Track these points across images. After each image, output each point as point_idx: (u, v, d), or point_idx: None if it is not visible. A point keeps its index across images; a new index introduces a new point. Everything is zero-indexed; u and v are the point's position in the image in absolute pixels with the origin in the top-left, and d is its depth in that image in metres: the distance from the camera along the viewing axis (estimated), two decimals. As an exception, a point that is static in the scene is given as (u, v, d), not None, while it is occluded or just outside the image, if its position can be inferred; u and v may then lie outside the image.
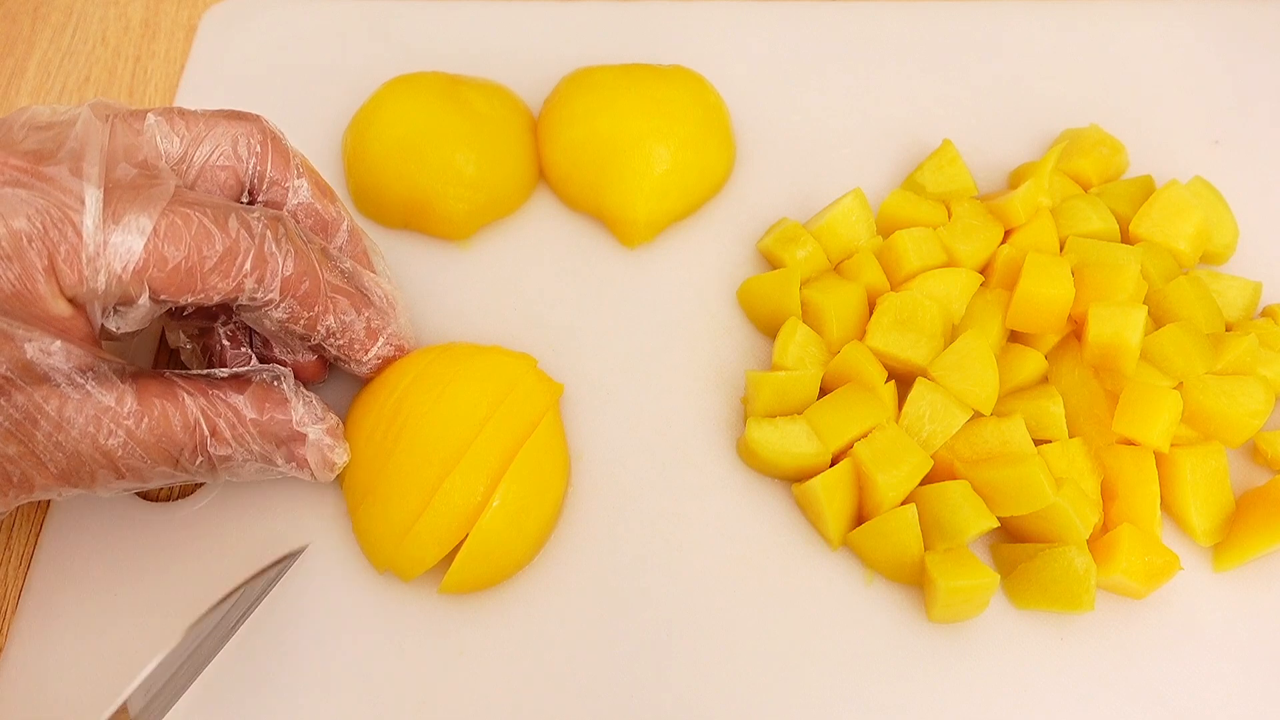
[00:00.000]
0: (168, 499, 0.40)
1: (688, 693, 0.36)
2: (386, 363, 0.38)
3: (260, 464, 0.35)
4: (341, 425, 0.37)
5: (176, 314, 0.38)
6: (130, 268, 0.30)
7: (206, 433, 0.33)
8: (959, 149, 0.46)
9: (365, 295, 0.36)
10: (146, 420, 0.32)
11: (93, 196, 0.30)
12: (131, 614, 0.37)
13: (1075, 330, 0.40)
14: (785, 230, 0.43)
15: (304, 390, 0.36)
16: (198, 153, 0.34)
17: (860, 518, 0.38)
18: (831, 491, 0.37)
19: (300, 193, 0.36)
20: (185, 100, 0.49)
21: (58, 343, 0.30)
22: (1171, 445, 0.38)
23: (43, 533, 0.39)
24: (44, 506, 0.40)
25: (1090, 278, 0.39)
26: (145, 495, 0.40)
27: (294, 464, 0.35)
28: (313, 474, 0.36)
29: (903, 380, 0.40)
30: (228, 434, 0.33)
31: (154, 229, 0.30)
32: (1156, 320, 0.40)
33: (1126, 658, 0.37)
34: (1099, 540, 0.37)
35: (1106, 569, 0.36)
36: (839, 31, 0.52)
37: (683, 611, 0.37)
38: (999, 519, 0.36)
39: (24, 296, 0.29)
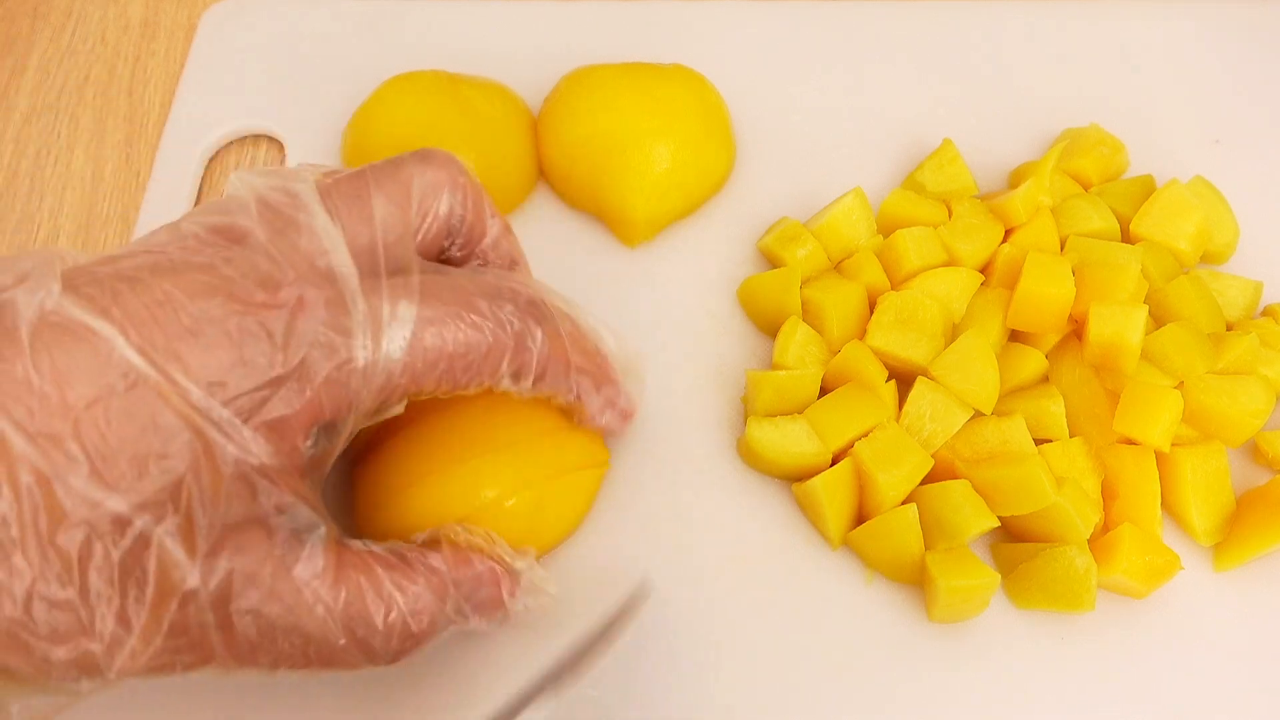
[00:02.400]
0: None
1: (687, 692, 0.36)
2: (614, 431, 0.36)
3: (451, 628, 0.31)
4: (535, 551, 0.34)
5: None
6: (397, 381, 0.27)
7: (405, 608, 0.29)
8: (959, 148, 0.46)
9: (608, 373, 0.34)
10: (344, 595, 0.27)
11: (360, 317, 0.27)
12: (131, 614, 0.37)
13: (1076, 330, 0.40)
14: (785, 229, 0.43)
15: (490, 533, 0.33)
16: (406, 217, 0.31)
17: (860, 517, 0.38)
18: (832, 491, 0.37)
19: (493, 231, 0.33)
20: (185, 99, 0.49)
21: (287, 496, 0.26)
22: (1172, 445, 0.38)
23: (42, 532, 0.39)
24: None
25: (1091, 277, 0.39)
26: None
27: (487, 615, 0.32)
28: (507, 615, 0.32)
29: (903, 380, 0.40)
30: (428, 602, 0.29)
31: (418, 329, 0.28)
32: (1157, 320, 0.40)
33: (1127, 658, 0.37)
34: (1099, 540, 0.37)
35: (1107, 569, 0.36)
36: (839, 31, 0.52)
37: (682, 611, 0.37)
38: (999, 518, 0.36)
39: (277, 437, 0.26)
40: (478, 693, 0.36)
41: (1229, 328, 0.41)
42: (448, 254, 0.33)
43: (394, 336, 0.27)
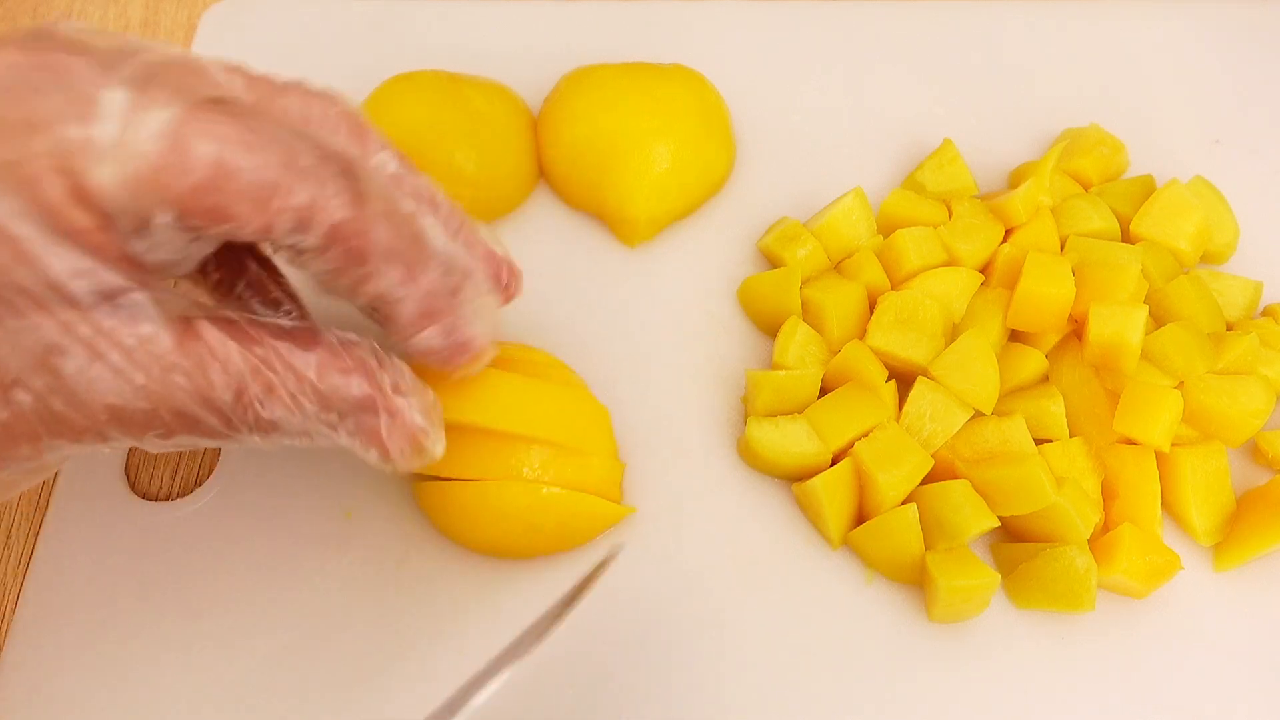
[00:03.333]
0: (167, 499, 0.40)
1: (687, 692, 0.36)
2: (446, 357, 0.31)
3: (319, 435, 0.30)
4: (440, 405, 0.31)
5: (202, 274, 0.33)
6: (146, 163, 0.25)
7: (256, 392, 0.28)
8: (959, 148, 0.46)
9: (424, 268, 0.29)
10: (184, 365, 0.27)
11: (119, 87, 0.25)
12: (131, 614, 0.37)
13: (1076, 330, 0.40)
14: (786, 229, 0.43)
15: (393, 358, 0.30)
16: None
17: (860, 517, 0.38)
18: (832, 491, 0.37)
19: (388, 167, 0.31)
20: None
21: (87, 259, 0.25)
22: (1172, 445, 0.38)
23: (42, 532, 0.39)
24: (43, 506, 0.40)
25: (1091, 277, 0.39)
26: (145, 495, 0.40)
27: (360, 439, 0.30)
28: (386, 455, 0.30)
29: (903, 379, 0.40)
30: (282, 396, 0.28)
31: (178, 122, 0.25)
32: (1157, 320, 0.40)
33: (1127, 657, 0.37)
34: (1100, 540, 0.37)
35: (1107, 568, 0.36)
36: (839, 31, 0.52)
37: (682, 610, 0.37)
38: (1000, 518, 0.36)
39: (40, 201, 0.24)
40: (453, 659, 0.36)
41: (1229, 328, 0.41)
42: None
43: (149, 120, 0.25)
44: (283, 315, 0.33)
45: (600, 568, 0.33)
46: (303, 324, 0.30)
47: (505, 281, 0.34)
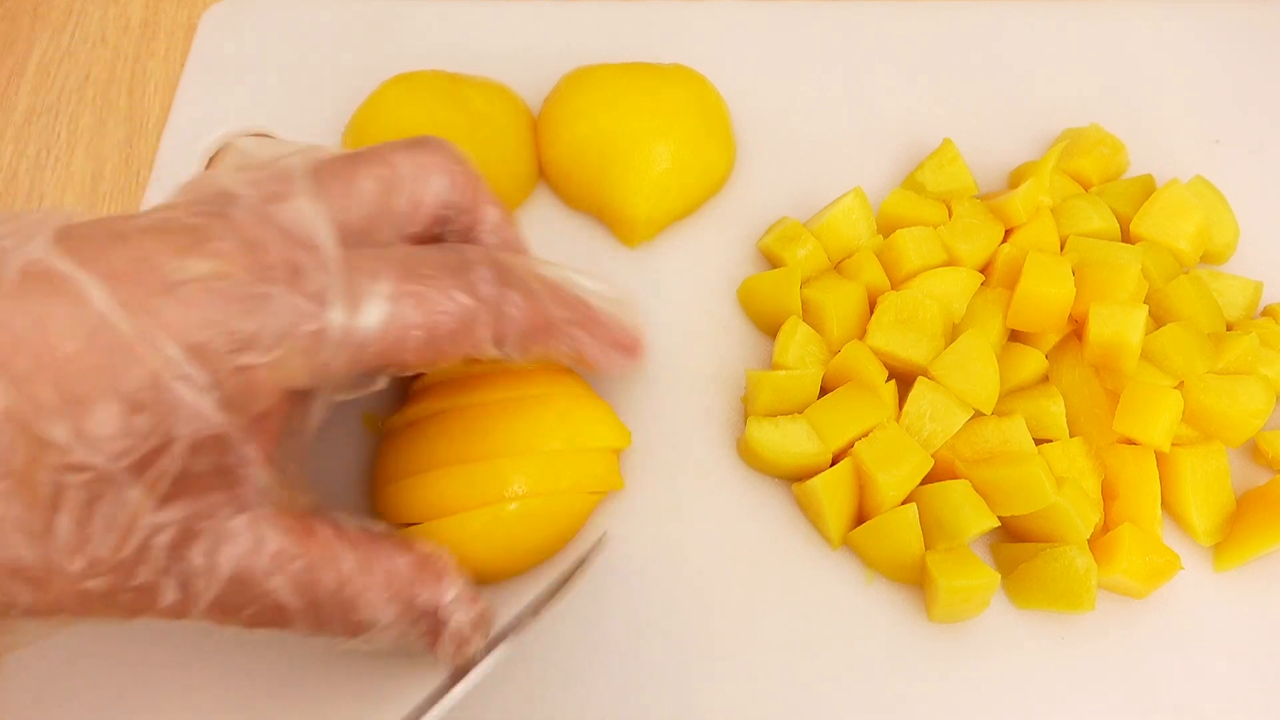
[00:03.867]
0: (167, 498, 0.40)
1: (687, 692, 0.36)
2: (633, 367, 0.35)
3: (398, 635, 0.31)
4: (488, 616, 0.33)
5: None
6: (372, 351, 0.27)
7: (352, 593, 0.29)
8: (959, 148, 0.46)
9: (596, 315, 0.33)
10: (304, 561, 0.28)
11: (336, 285, 0.27)
12: (131, 613, 0.37)
13: (1076, 330, 0.40)
14: (785, 229, 0.43)
15: (459, 570, 0.32)
16: (401, 202, 0.31)
17: (860, 517, 0.38)
18: (832, 491, 0.37)
19: (491, 217, 0.34)
20: (185, 99, 0.49)
21: (254, 451, 0.27)
22: (1172, 445, 0.38)
23: (42, 532, 0.39)
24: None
25: (1091, 277, 0.39)
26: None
27: (428, 639, 0.31)
28: (465, 653, 0.32)
29: (903, 380, 0.40)
30: (379, 594, 0.29)
31: (393, 302, 0.28)
32: (1157, 320, 0.40)
33: (1127, 657, 0.37)
34: (1099, 540, 0.37)
35: (1107, 568, 0.36)
36: (839, 31, 0.52)
37: (682, 610, 0.37)
38: (1000, 518, 0.36)
39: (246, 395, 0.26)
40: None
41: (1229, 328, 0.41)
42: (444, 240, 0.33)
43: (370, 307, 0.27)
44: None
45: (583, 563, 0.34)
46: (396, 533, 0.32)
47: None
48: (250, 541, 0.27)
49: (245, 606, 0.28)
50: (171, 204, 0.29)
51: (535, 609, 0.33)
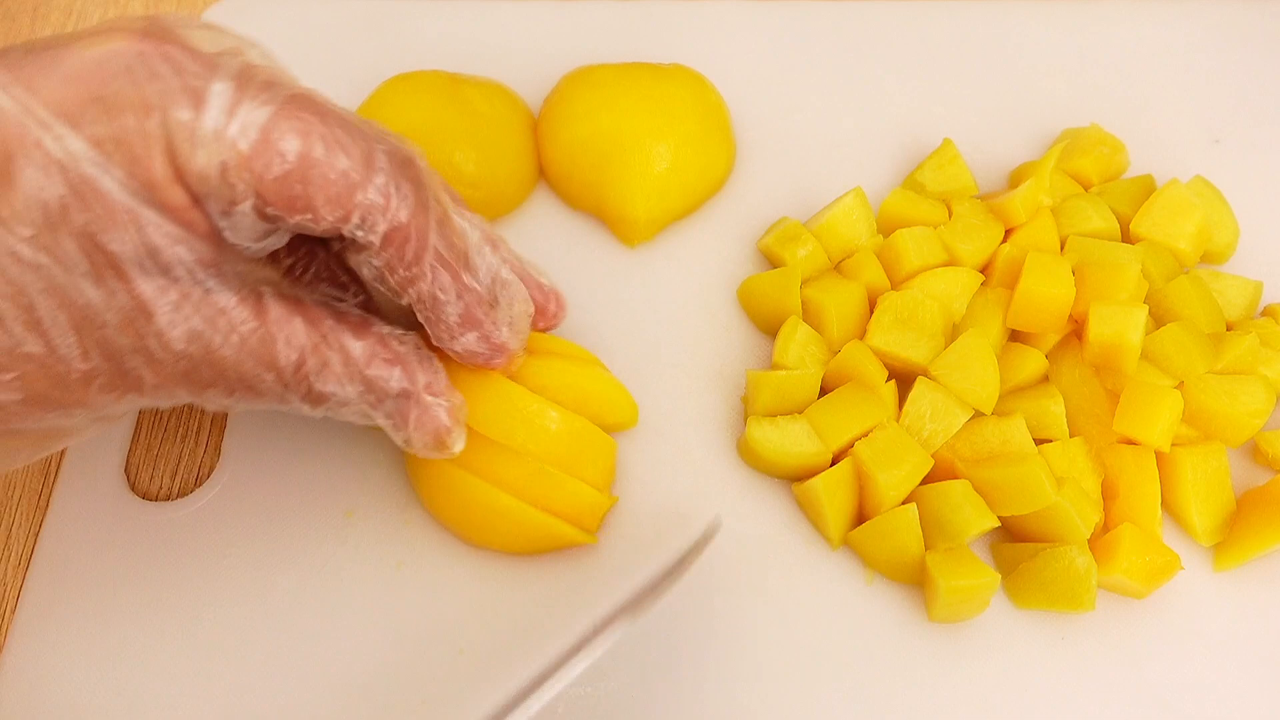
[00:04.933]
0: (167, 499, 0.40)
1: (686, 692, 0.36)
2: (482, 360, 0.35)
3: (361, 412, 0.32)
4: (465, 409, 0.34)
5: (274, 259, 0.35)
6: (240, 152, 0.27)
7: (313, 366, 0.31)
8: (959, 148, 0.46)
9: (472, 279, 0.33)
10: (259, 333, 0.29)
11: (225, 81, 0.28)
12: (131, 614, 0.37)
13: (1076, 329, 0.40)
14: (786, 229, 0.43)
15: (433, 359, 0.34)
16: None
17: (861, 517, 0.38)
18: (832, 491, 0.37)
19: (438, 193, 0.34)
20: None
21: (181, 231, 0.28)
22: (1172, 445, 0.38)
23: (42, 532, 0.39)
24: (43, 506, 0.40)
25: (1091, 277, 0.39)
26: (145, 494, 0.40)
27: (394, 421, 0.33)
28: (410, 440, 0.33)
29: (903, 379, 0.40)
30: (335, 373, 0.31)
31: (273, 118, 0.28)
32: (1157, 319, 0.40)
33: (1127, 658, 0.37)
34: (1100, 540, 0.37)
35: (1107, 568, 0.36)
36: (839, 31, 0.52)
37: (683, 610, 0.37)
38: (1000, 518, 0.36)
39: (144, 178, 0.27)
40: (557, 622, 0.37)
41: (1229, 328, 0.41)
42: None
43: (249, 114, 0.28)
44: (351, 299, 0.36)
45: (700, 544, 0.35)
46: (357, 312, 0.33)
47: (553, 309, 0.39)
48: (198, 315, 0.28)
49: (213, 378, 0.30)
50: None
51: (655, 589, 0.33)
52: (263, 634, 0.37)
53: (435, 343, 0.34)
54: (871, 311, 0.41)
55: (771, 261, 0.44)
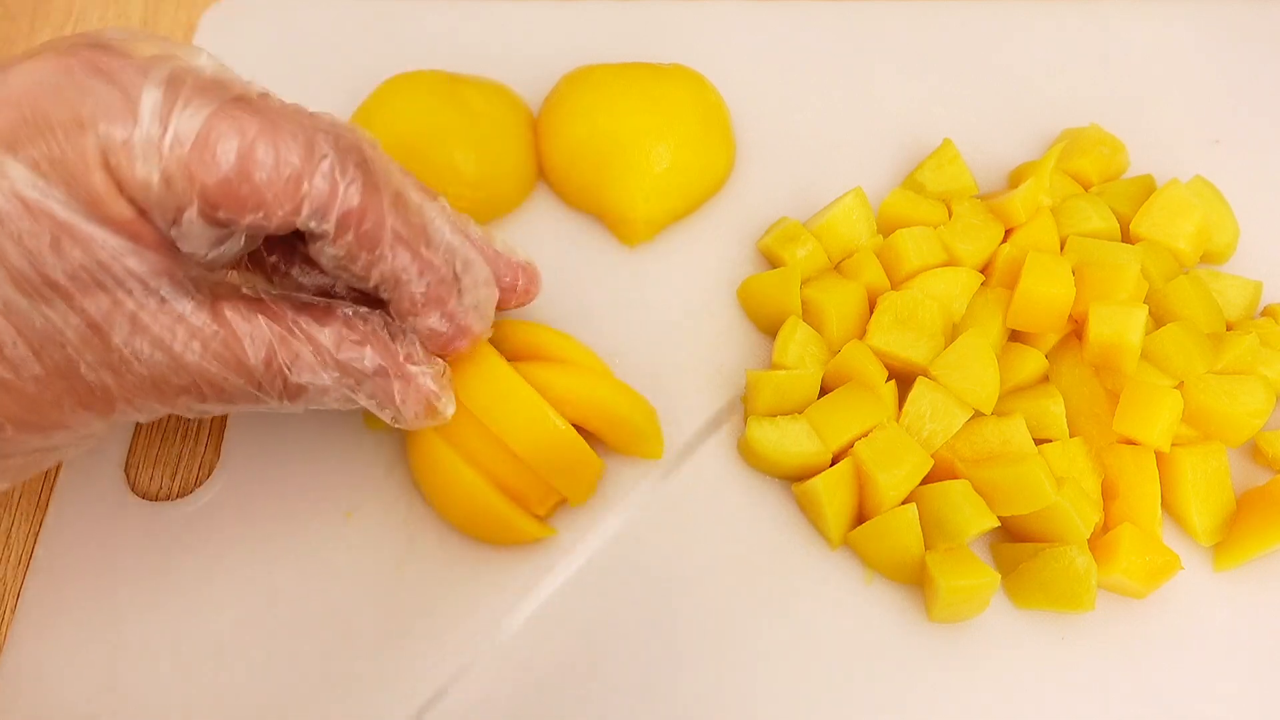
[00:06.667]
0: (167, 499, 0.40)
1: (687, 692, 0.36)
2: (445, 341, 0.34)
3: (342, 397, 0.32)
4: (450, 372, 0.35)
5: (256, 262, 0.36)
6: (179, 160, 0.27)
7: (284, 360, 0.31)
8: (959, 148, 0.46)
9: (431, 256, 0.32)
10: (220, 336, 0.30)
11: (155, 89, 0.28)
12: (131, 614, 0.37)
13: (1076, 330, 0.40)
14: (785, 229, 0.43)
15: (407, 332, 0.33)
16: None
17: (860, 517, 0.38)
18: (832, 491, 0.37)
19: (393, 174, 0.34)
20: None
21: (128, 244, 0.28)
22: (1172, 445, 0.38)
23: (42, 532, 0.39)
24: (43, 506, 0.40)
25: (1091, 277, 0.39)
26: (145, 494, 0.40)
27: (378, 400, 0.33)
28: (399, 415, 0.33)
29: (903, 379, 0.40)
30: (308, 363, 0.31)
31: (209, 120, 0.27)
32: (1157, 320, 0.40)
33: (1127, 657, 0.37)
34: (1099, 540, 0.37)
35: (1107, 568, 0.36)
36: (839, 31, 0.52)
37: (682, 610, 0.37)
38: (999, 518, 0.36)
39: (85, 196, 0.27)
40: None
41: (1229, 328, 0.41)
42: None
43: (185, 119, 0.27)
44: (339, 294, 0.36)
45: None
46: (318, 299, 0.33)
47: (523, 285, 0.38)
48: (155, 324, 0.29)
49: (182, 385, 0.30)
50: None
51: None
52: (263, 634, 0.37)
53: (400, 323, 0.33)
54: (871, 311, 0.41)
55: (771, 261, 0.44)
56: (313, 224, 0.29)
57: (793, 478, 0.39)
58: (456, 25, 0.52)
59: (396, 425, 0.34)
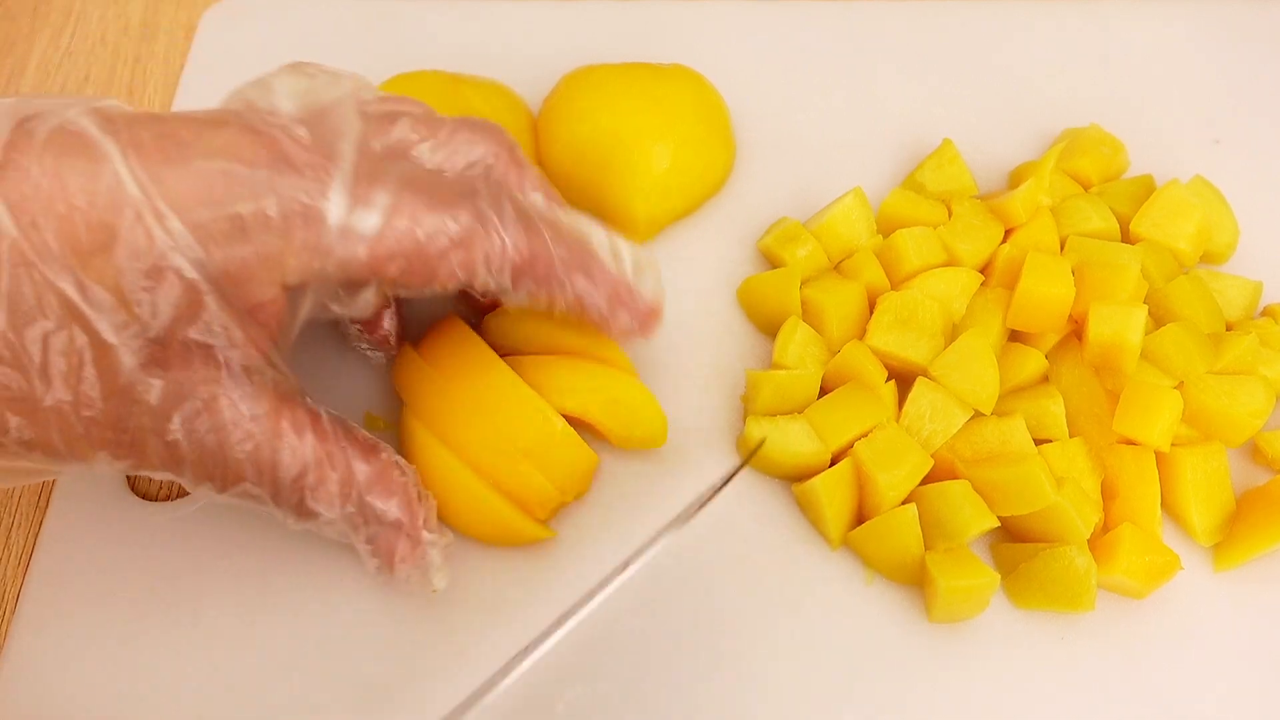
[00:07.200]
0: (167, 499, 0.40)
1: (686, 692, 0.36)
2: (638, 330, 0.35)
3: (340, 533, 0.33)
4: (452, 548, 0.35)
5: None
6: (365, 254, 0.29)
7: (310, 481, 0.31)
8: (959, 148, 0.46)
9: (599, 268, 0.33)
10: (270, 440, 0.30)
11: (340, 185, 0.29)
12: (131, 614, 0.37)
13: (1076, 330, 0.40)
14: (785, 229, 0.43)
15: (428, 495, 0.34)
16: (440, 158, 0.33)
17: (860, 517, 0.38)
18: (832, 491, 0.37)
19: (528, 180, 0.35)
20: (185, 100, 0.49)
21: (240, 334, 0.29)
22: (1172, 445, 0.38)
23: (42, 532, 0.39)
24: (43, 506, 0.40)
25: (1091, 277, 0.39)
26: (145, 494, 0.40)
27: (372, 548, 0.33)
28: (389, 570, 0.33)
29: (903, 380, 0.40)
30: (330, 493, 0.31)
31: (388, 214, 0.29)
32: (1157, 320, 0.40)
33: (1127, 658, 0.37)
34: (1099, 540, 0.37)
35: (1107, 569, 0.36)
36: (839, 31, 0.52)
37: (683, 610, 0.37)
38: (999, 519, 0.36)
39: (240, 279, 0.28)
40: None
41: (1229, 328, 0.41)
42: None
43: (368, 211, 0.29)
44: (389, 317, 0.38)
45: (740, 468, 0.38)
46: (369, 435, 0.33)
47: (635, 327, 0.38)
48: (228, 415, 0.29)
49: (218, 473, 0.30)
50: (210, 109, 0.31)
51: (703, 502, 0.36)
52: (262, 634, 0.37)
53: (598, 328, 0.35)
54: (871, 311, 0.41)
55: (771, 261, 0.44)
56: (491, 282, 0.31)
57: (792, 478, 0.39)
58: (456, 25, 0.52)
59: (376, 574, 0.34)
